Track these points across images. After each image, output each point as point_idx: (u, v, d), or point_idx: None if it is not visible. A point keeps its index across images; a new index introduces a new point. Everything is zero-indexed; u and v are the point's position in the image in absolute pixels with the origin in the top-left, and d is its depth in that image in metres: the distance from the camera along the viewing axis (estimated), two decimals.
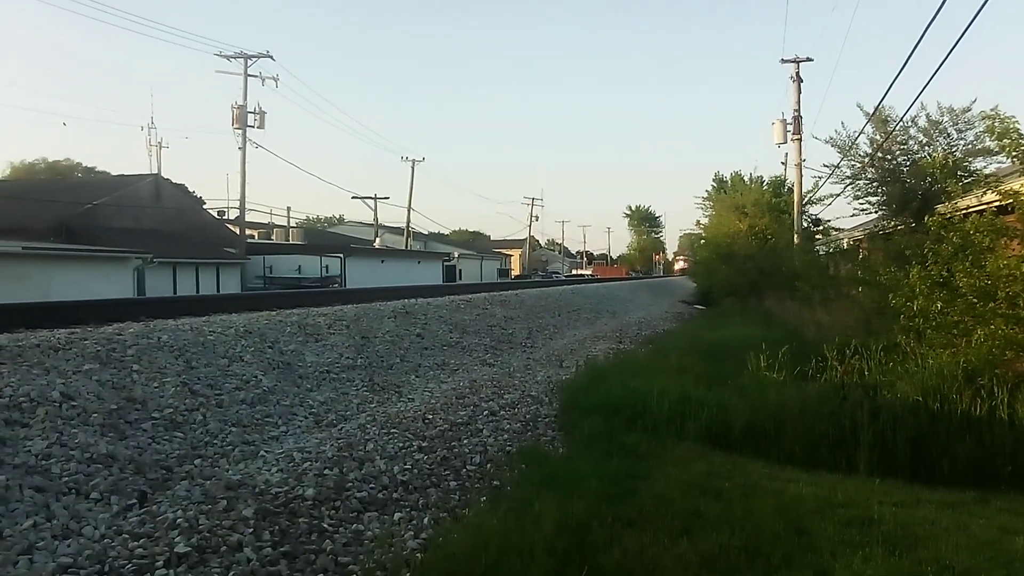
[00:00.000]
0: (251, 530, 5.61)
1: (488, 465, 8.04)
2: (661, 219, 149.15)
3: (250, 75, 41.82)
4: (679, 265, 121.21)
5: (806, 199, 33.22)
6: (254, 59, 42.00)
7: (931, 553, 5.76)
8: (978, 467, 8.59)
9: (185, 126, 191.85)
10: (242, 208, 43.11)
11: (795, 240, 32.17)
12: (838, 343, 11.97)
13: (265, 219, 68.16)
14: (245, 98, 41.66)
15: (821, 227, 35.45)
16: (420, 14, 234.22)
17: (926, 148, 20.43)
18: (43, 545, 5.21)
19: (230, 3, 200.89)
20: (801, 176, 33.10)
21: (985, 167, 18.65)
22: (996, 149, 12.56)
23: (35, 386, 7.68)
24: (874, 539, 5.99)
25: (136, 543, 5.29)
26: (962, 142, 19.73)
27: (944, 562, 5.55)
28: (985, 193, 11.79)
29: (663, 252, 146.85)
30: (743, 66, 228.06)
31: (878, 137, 21.56)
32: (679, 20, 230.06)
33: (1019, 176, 10.97)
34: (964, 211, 12.04)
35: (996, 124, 10.34)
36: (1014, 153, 10.19)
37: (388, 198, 69.66)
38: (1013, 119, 10.16)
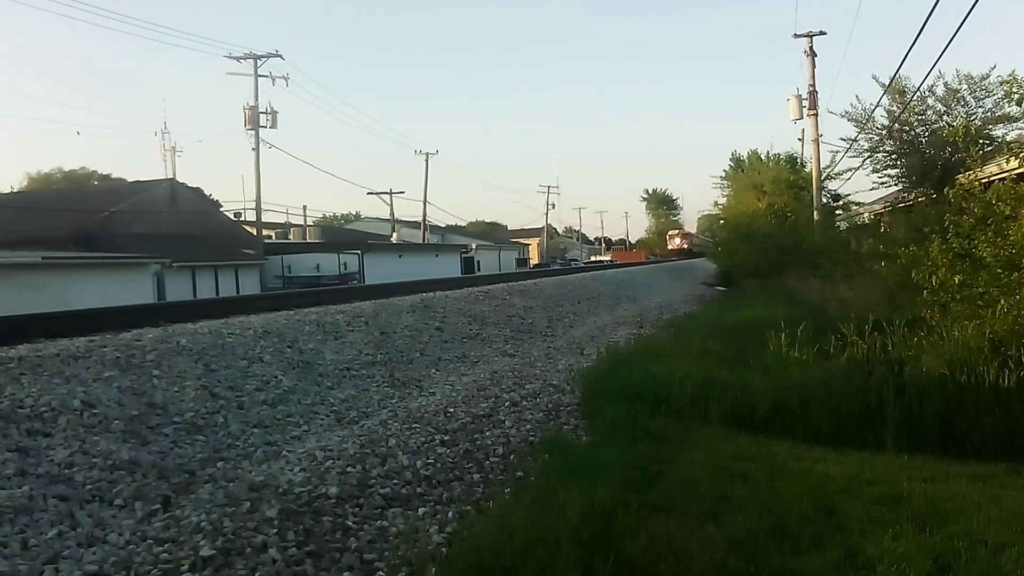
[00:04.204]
0: (275, 531, 5.60)
1: (511, 456, 8.00)
2: (679, 201, 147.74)
3: (260, 75, 41.91)
4: (674, 244, 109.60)
5: (824, 175, 32.91)
6: (264, 59, 42.08)
7: (962, 528, 5.67)
8: (1008, 439, 8.49)
9: (198, 130, 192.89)
10: (258, 209, 43.26)
11: (815, 216, 31.89)
12: (860, 318, 11.82)
13: (282, 219, 68.32)
14: (256, 99, 41.77)
15: (841, 202, 35.13)
16: (428, 6, 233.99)
17: (944, 117, 20.20)
18: (68, 553, 5.21)
19: (237, 4, 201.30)
20: (819, 152, 32.77)
21: (1006, 134, 18.41)
22: (1018, 115, 12.37)
23: (56, 395, 7.71)
24: (904, 516, 5.90)
25: (161, 548, 5.29)
26: (981, 109, 19.50)
27: (976, 536, 5.46)
28: (1008, 160, 11.59)
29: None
30: (756, 43, 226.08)
31: (895, 108, 21.33)
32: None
33: None
34: (986, 180, 11.84)
35: (1015, 88, 10.14)
36: None
37: (404, 192, 70.24)
38: None
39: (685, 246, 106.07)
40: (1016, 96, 10.18)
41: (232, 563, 5.14)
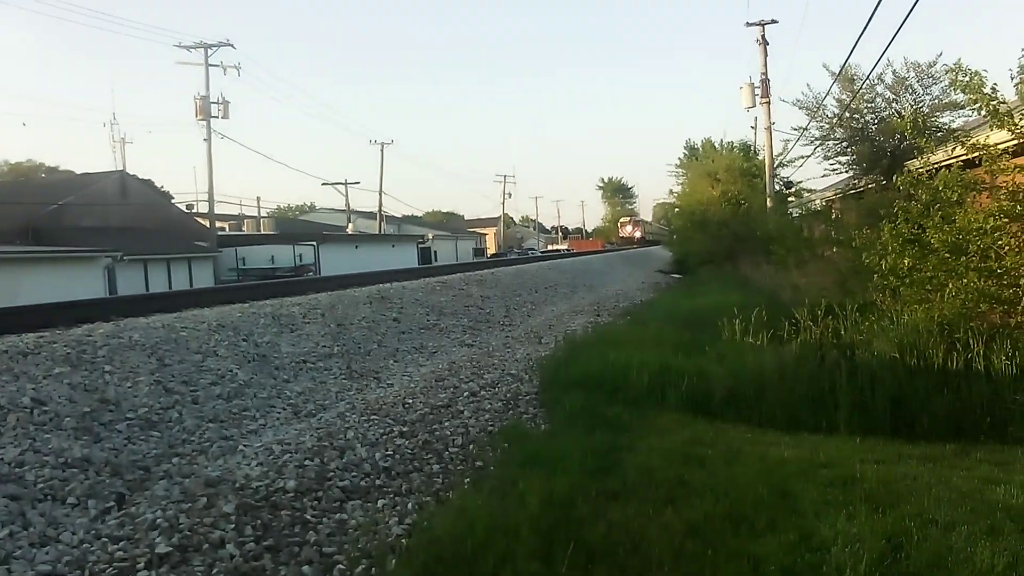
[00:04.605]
0: (233, 526, 5.55)
1: (471, 446, 8.00)
2: (634, 190, 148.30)
3: (211, 65, 41.20)
4: (625, 232, 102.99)
5: (777, 162, 33.28)
6: (214, 48, 41.36)
7: (914, 508, 5.78)
8: (957, 420, 8.65)
9: (148, 120, 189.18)
10: (211, 200, 42.61)
11: (768, 204, 32.25)
12: (813, 304, 11.97)
13: (235, 210, 67.54)
14: (207, 89, 41.07)
15: (793, 189, 35.57)
16: None
17: (893, 105, 20.53)
18: (20, 554, 5.13)
19: None
20: (771, 139, 33.12)
21: (951, 122, 18.77)
22: (964, 103, 12.60)
23: (4, 393, 7.56)
24: (857, 498, 6.00)
25: (116, 546, 5.22)
26: (928, 97, 19.85)
27: (927, 516, 5.58)
28: (954, 148, 11.82)
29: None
30: (709, 32, 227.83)
31: (845, 97, 21.62)
32: None
33: (987, 129, 10.95)
34: (934, 167, 12.05)
35: (960, 77, 10.32)
36: (982, 105, 10.19)
37: (359, 183, 69.10)
38: (976, 72, 10.15)
39: (637, 234, 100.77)
40: (961, 84, 10.36)
41: (189, 559, 5.08)
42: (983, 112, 10.35)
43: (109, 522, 5.69)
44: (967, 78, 10.22)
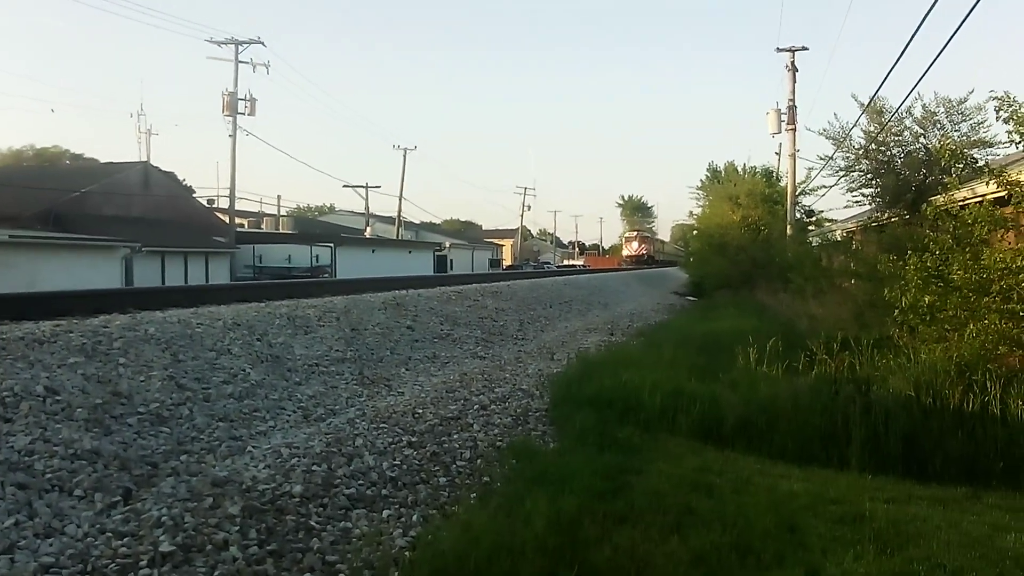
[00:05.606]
0: (237, 528, 5.54)
1: (478, 461, 7.97)
2: (654, 209, 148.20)
3: (241, 61, 41.71)
4: (630, 249, 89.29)
5: (799, 190, 33.20)
6: (245, 45, 41.84)
7: (922, 551, 5.72)
8: (970, 463, 8.57)
9: (175, 113, 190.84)
10: (232, 196, 42.94)
11: (788, 231, 32.14)
12: (829, 336, 11.91)
13: (255, 208, 67.89)
14: (236, 85, 41.54)
15: (814, 218, 35.45)
16: (416, 2, 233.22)
17: (920, 139, 20.44)
18: (25, 544, 5.12)
19: None
20: (795, 166, 33.10)
21: (982, 159, 18.69)
22: (1001, 137, 12.53)
23: (19, 380, 7.57)
24: (865, 536, 5.95)
25: (120, 542, 5.21)
26: (956, 133, 19.74)
27: (935, 560, 5.51)
28: (983, 184, 11.74)
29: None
30: (738, 55, 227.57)
31: (872, 128, 21.54)
32: (673, 8, 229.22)
33: (1021, 165, 10.89)
34: (960, 203, 11.98)
35: (1005, 107, 10.24)
36: (1020, 136, 10.12)
37: (380, 187, 69.76)
38: (1022, 104, 10.10)
39: (644, 252, 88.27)
40: (1005, 114, 10.28)
41: (192, 560, 5.07)
42: (1023, 145, 10.29)
43: (114, 517, 5.68)
44: (1012, 108, 10.16)
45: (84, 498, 5.97)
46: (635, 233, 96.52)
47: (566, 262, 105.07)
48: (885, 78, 22.09)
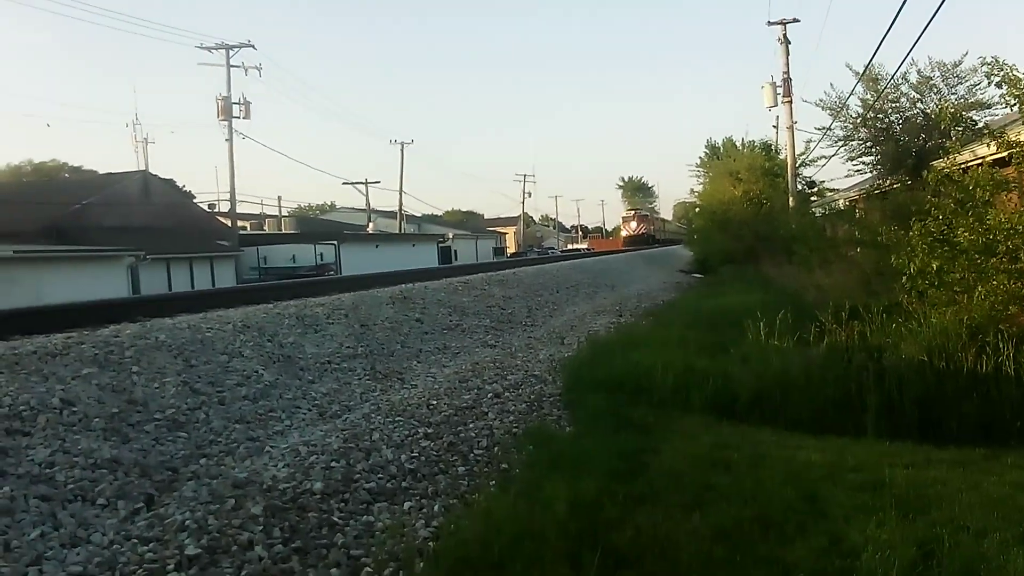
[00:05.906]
0: (261, 528, 5.57)
1: (495, 448, 7.98)
2: (655, 189, 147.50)
3: (233, 66, 41.61)
4: (629, 229, 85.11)
5: (799, 162, 33.09)
6: (236, 49, 41.75)
7: (944, 514, 5.73)
8: (987, 424, 8.57)
9: (170, 121, 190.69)
10: (232, 200, 42.92)
11: (790, 203, 32.05)
12: (838, 306, 11.86)
13: (256, 210, 67.80)
14: (229, 89, 41.45)
15: (816, 189, 35.34)
16: None
17: (917, 105, 20.38)
18: (52, 555, 5.17)
19: None
20: (793, 139, 32.92)
21: (979, 121, 18.61)
22: (996, 100, 12.46)
23: (34, 394, 7.62)
24: (886, 503, 5.94)
25: (146, 547, 5.25)
26: (953, 96, 19.68)
27: (959, 522, 5.52)
28: (983, 146, 11.68)
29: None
30: (731, 31, 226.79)
31: (869, 97, 21.47)
32: None
33: (1019, 126, 10.81)
34: (962, 166, 11.92)
35: (995, 71, 10.19)
36: (1015, 99, 10.07)
37: (379, 182, 69.43)
38: (1013, 67, 10.04)
39: (644, 231, 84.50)
40: (996, 79, 10.23)
41: (218, 561, 5.11)
42: (1017, 107, 10.23)
43: (139, 523, 5.72)
44: (1003, 72, 10.10)
45: (107, 506, 6.01)
46: (633, 212, 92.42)
47: (570, 246, 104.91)
48: (879, 46, 22.13)
